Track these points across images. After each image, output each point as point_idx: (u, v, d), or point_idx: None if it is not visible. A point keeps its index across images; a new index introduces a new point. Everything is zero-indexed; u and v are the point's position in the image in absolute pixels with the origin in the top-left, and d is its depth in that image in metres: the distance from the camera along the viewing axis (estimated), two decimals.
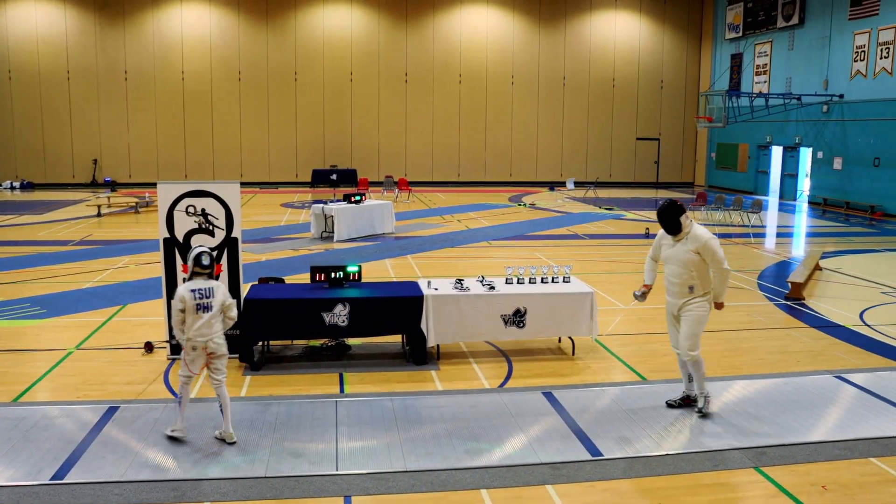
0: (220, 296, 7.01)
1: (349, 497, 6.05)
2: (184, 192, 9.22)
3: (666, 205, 7.52)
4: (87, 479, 6.26)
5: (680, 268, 7.48)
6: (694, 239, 7.41)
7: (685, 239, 7.46)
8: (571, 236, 20.58)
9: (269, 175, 36.29)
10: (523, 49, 36.88)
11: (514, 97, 37.18)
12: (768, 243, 20.41)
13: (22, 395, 8.20)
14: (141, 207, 25.56)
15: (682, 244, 7.48)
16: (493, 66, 36.86)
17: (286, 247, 18.15)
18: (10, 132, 34.44)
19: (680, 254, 7.48)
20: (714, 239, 7.45)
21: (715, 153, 37.10)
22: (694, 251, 7.38)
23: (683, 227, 7.45)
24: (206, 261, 7.02)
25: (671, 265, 7.58)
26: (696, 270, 7.43)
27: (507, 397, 8.23)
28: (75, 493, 6.05)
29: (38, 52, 34.18)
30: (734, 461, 6.71)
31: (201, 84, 35.35)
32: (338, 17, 35.82)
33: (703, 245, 7.36)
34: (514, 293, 9.55)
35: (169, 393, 8.32)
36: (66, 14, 34.21)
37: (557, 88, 37.38)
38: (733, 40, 35.06)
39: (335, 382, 8.74)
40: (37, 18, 34.04)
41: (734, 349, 10.18)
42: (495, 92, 37.04)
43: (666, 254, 7.66)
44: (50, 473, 6.33)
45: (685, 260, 7.43)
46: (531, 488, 6.23)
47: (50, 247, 18.07)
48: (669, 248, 7.60)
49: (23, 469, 6.41)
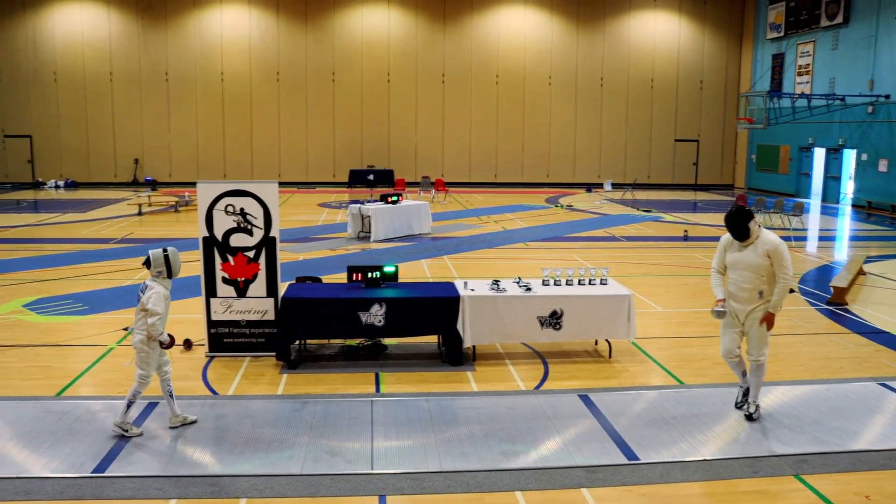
0: (147, 294, 7.06)
1: (384, 496, 6.07)
2: (223, 191, 9.32)
3: (735, 210, 7.37)
4: (128, 472, 6.36)
5: (750, 273, 7.33)
6: (765, 242, 7.29)
7: (755, 244, 7.33)
8: (609, 238, 20.42)
9: (307, 175, 36.55)
10: (561, 49, 36.70)
11: (551, 98, 37.00)
12: (810, 247, 20.05)
13: (65, 389, 8.35)
14: (181, 206, 25.91)
15: (751, 249, 7.34)
16: (530, 66, 36.73)
17: (323, 246, 18.26)
18: (55, 133, 35.16)
19: (750, 258, 7.32)
20: (784, 245, 7.35)
21: (755, 155, 36.54)
22: (765, 255, 7.25)
23: (752, 232, 7.33)
24: (144, 262, 7.19)
25: (740, 271, 7.41)
26: (766, 275, 7.30)
27: (543, 399, 8.19)
28: (116, 486, 6.15)
29: (83, 55, 34.85)
30: (774, 468, 6.60)
31: (241, 85, 35.74)
32: (376, 19, 35.97)
33: (774, 249, 7.24)
34: (551, 295, 9.49)
35: (207, 389, 8.42)
36: (109, 17, 34.82)
37: (595, 89, 37.12)
38: (775, 40, 34.52)
39: (371, 382, 8.77)
40: (82, 22, 34.70)
41: (775, 354, 10.00)
42: (533, 92, 36.90)
43: (732, 259, 7.48)
44: (92, 466, 6.44)
45: (756, 265, 7.29)
46: (567, 491, 6.19)
47: (92, 244, 18.40)
48: (736, 253, 7.44)
49: (66, 461, 6.54)
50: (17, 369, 9.07)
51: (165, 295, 7.10)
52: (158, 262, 7.12)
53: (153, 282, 7.10)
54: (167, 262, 7.13)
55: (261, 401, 8.07)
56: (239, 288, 9.41)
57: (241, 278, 9.40)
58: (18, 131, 34.88)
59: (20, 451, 6.73)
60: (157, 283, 7.10)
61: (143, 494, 6.02)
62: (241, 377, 8.85)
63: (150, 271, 7.15)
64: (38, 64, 34.68)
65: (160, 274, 7.13)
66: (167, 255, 7.14)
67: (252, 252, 9.38)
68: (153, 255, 7.13)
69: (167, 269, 7.14)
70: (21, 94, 34.70)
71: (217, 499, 5.99)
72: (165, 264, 7.12)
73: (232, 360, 9.40)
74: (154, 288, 7.04)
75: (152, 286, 7.06)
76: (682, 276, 15.15)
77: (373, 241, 18.95)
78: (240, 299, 9.43)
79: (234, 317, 9.46)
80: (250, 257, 9.37)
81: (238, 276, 9.39)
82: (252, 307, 9.44)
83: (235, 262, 9.37)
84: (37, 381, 8.64)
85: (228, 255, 9.36)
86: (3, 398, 8.07)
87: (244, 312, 9.45)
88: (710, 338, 10.58)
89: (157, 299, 6.98)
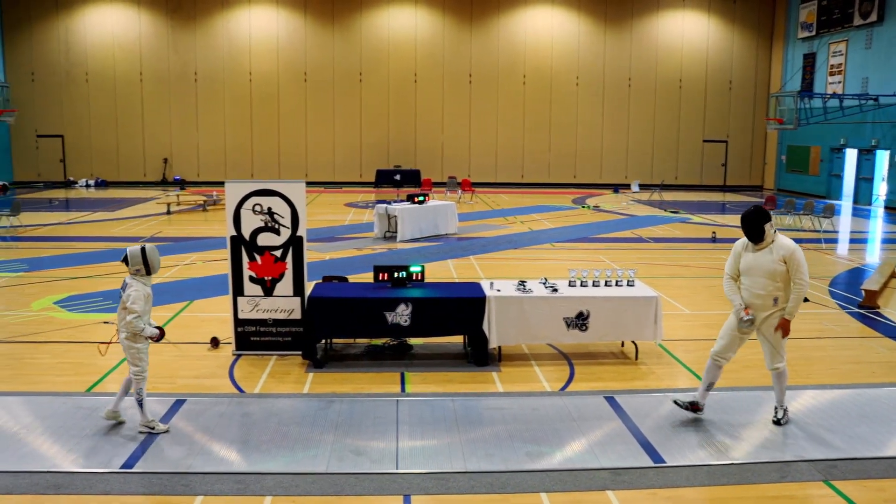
0: (126, 292, 7.07)
1: (409, 496, 6.07)
2: (251, 190, 9.38)
3: (752, 210, 7.22)
4: (155, 468, 6.43)
5: (765, 278, 7.18)
6: (780, 247, 7.14)
7: (769, 248, 7.18)
8: (636, 239, 20.30)
9: (334, 175, 36.73)
10: (588, 50, 36.54)
11: (578, 98, 36.86)
12: (841, 249, 19.78)
13: (95, 386, 8.46)
14: (209, 206, 26.14)
15: (765, 253, 7.19)
16: (557, 66, 36.61)
17: (350, 246, 18.33)
18: (86, 132, 35.66)
19: (765, 263, 7.17)
20: (800, 250, 7.20)
21: (785, 156, 36.13)
22: (781, 260, 7.11)
23: (767, 236, 7.18)
24: (122, 259, 7.19)
25: (754, 276, 7.25)
26: (781, 281, 7.16)
27: (568, 401, 8.16)
28: (143, 481, 6.22)
29: (113, 56, 35.30)
30: (803, 473, 6.51)
31: (268, 85, 35.99)
32: (403, 19, 36.06)
33: (790, 255, 7.09)
34: (578, 296, 9.45)
35: (234, 388, 8.48)
36: (140, 19, 35.23)
37: (623, 89, 36.92)
38: (806, 39, 34.10)
39: (396, 381, 8.78)
40: (113, 23, 35.16)
41: (805, 358, 9.89)
42: (560, 93, 36.78)
43: (746, 264, 7.32)
44: (120, 462, 6.52)
45: (771, 270, 7.14)
46: (592, 493, 6.16)
47: (122, 243, 18.60)
48: (750, 258, 7.29)
49: (95, 457, 6.62)
50: (49, 365, 9.21)
51: (146, 293, 7.09)
52: (136, 260, 7.11)
53: (132, 280, 7.09)
54: (144, 258, 7.12)
55: (287, 399, 8.11)
56: (266, 287, 9.47)
57: (268, 277, 9.46)
58: (51, 131, 35.42)
59: (51, 446, 6.83)
60: (137, 280, 7.09)
61: (170, 490, 6.08)
62: (268, 375, 8.91)
63: (129, 269, 7.13)
64: (70, 65, 35.20)
65: (138, 272, 7.13)
66: (144, 252, 7.14)
67: (279, 251, 9.43)
68: (131, 252, 7.13)
69: (145, 267, 7.13)
70: (54, 95, 35.24)
71: (242, 496, 6.03)
72: (143, 261, 7.12)
73: (258, 359, 9.46)
74: (133, 286, 7.04)
75: (131, 284, 7.06)
76: (709, 278, 15.01)
77: (399, 240, 18.99)
78: (267, 298, 9.49)
79: (260, 315, 9.52)
80: (277, 256, 9.43)
81: (265, 275, 9.45)
82: (279, 306, 9.50)
83: (263, 261, 9.43)
84: (68, 378, 8.76)
85: (256, 254, 9.42)
86: (35, 394, 8.20)
87: (271, 311, 9.51)
88: None
89: (136, 297, 6.98)
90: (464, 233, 20.68)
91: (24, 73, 35.01)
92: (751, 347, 10.19)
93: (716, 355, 7.52)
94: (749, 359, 9.75)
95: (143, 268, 7.12)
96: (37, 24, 34.93)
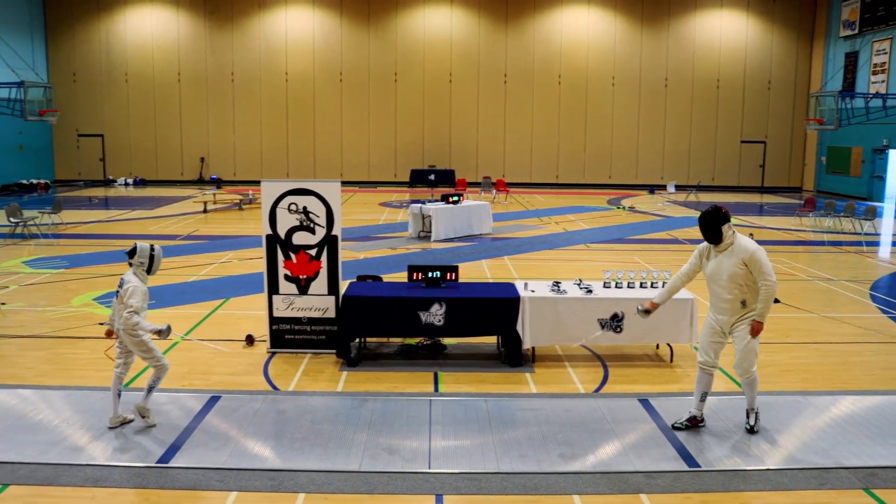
0: (125, 287, 7.08)
1: (441, 496, 6.07)
2: (286, 190, 9.45)
3: (709, 210, 7.09)
4: (191, 464, 6.51)
5: (729, 283, 7.01)
6: (740, 250, 6.98)
7: (729, 251, 7.03)
8: (671, 241, 20.10)
9: (369, 174, 36.87)
10: (625, 49, 36.25)
11: (614, 98, 36.58)
12: (882, 252, 19.40)
13: (132, 382, 8.58)
14: (244, 205, 26.39)
15: (726, 257, 7.03)
16: (593, 66, 36.38)
17: (384, 245, 18.39)
18: (125, 132, 36.24)
19: (726, 268, 7.01)
20: (761, 250, 7.01)
21: (825, 157, 35.51)
22: (741, 263, 6.94)
23: (724, 237, 7.03)
24: (129, 251, 7.26)
25: (719, 281, 7.10)
26: (745, 284, 6.98)
27: (602, 403, 8.10)
28: (179, 476, 6.30)
29: (152, 57, 35.81)
30: (842, 481, 6.39)
31: (304, 85, 36.25)
32: (438, 19, 36.09)
33: (750, 256, 6.91)
34: (612, 297, 9.38)
35: (268, 385, 8.55)
36: (178, 20, 35.70)
37: (659, 89, 36.57)
38: (848, 38, 33.48)
39: (430, 381, 8.79)
40: (152, 24, 35.67)
41: (843, 363, 9.72)
42: (595, 93, 36.54)
43: (710, 271, 7.18)
44: (157, 457, 6.61)
45: (733, 274, 6.97)
46: (625, 496, 6.11)
47: (159, 241, 18.83)
48: (714, 262, 7.15)
49: (132, 451, 6.72)
50: (88, 360, 9.37)
51: (144, 291, 7.15)
52: (143, 254, 7.20)
53: (132, 275, 7.16)
54: (151, 258, 7.22)
55: (320, 397, 8.16)
56: (301, 285, 9.54)
57: (303, 276, 9.52)
58: (91, 131, 36.05)
59: (90, 440, 6.94)
60: (136, 276, 7.16)
61: (205, 485, 6.15)
62: (302, 373, 8.97)
63: (133, 261, 7.20)
64: (110, 66, 35.80)
65: (141, 265, 7.20)
66: (153, 251, 7.24)
67: (314, 250, 9.49)
68: (140, 246, 7.23)
69: (149, 264, 7.22)
70: (95, 95, 35.86)
71: (276, 492, 6.08)
72: (149, 259, 7.21)
73: (293, 357, 9.53)
74: (132, 282, 7.10)
75: (130, 280, 7.12)
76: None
77: (433, 240, 19.01)
78: (301, 296, 9.55)
79: (295, 314, 9.59)
80: (312, 255, 9.49)
81: (300, 274, 9.52)
82: (313, 304, 9.56)
83: (298, 260, 9.49)
84: (106, 373, 8.87)
85: (291, 252, 9.49)
86: (75, 388, 8.35)
87: (305, 310, 9.57)
88: (775, 344, 10.33)
89: (134, 291, 7.03)
90: (498, 233, 20.64)
91: (67, 74, 35.68)
92: (787, 351, 10.07)
93: (701, 365, 7.39)
94: (787, 363, 9.62)
95: (147, 262, 7.22)
96: (79, 26, 35.58)
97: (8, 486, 6.11)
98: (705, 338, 7.38)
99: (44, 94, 28.28)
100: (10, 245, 17.99)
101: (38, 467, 6.41)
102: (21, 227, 19.44)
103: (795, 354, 10.03)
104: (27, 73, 31.41)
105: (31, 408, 7.72)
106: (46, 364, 9.24)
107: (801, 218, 24.52)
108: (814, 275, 15.42)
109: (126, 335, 7.13)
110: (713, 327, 7.30)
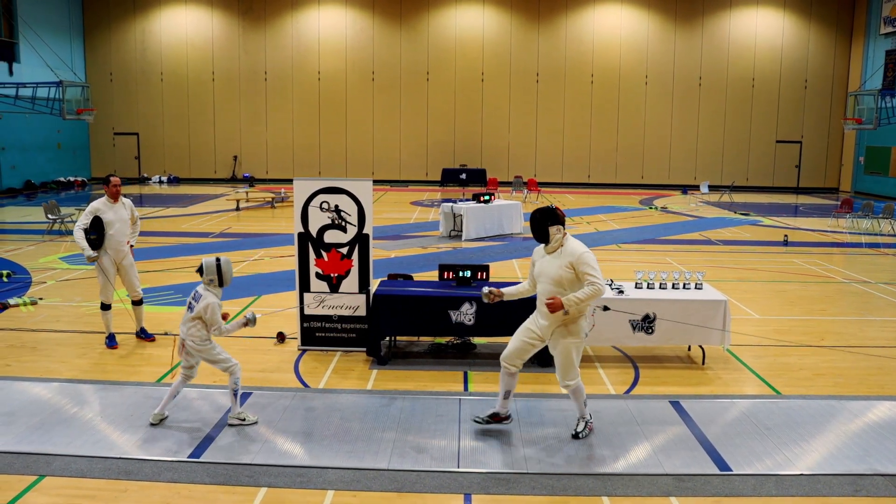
0: (201, 305, 7.11)
1: (469, 495, 6.07)
2: (318, 188, 9.50)
3: (539, 209, 6.83)
4: (221, 459, 6.57)
5: (551, 285, 6.71)
6: (568, 253, 6.68)
7: (558, 253, 6.75)
8: (704, 242, 19.89)
9: (400, 173, 36.99)
10: (658, 48, 35.96)
11: (647, 97, 36.31)
12: None
13: (164, 377, 8.69)
14: (277, 203, 26.60)
15: (554, 258, 6.74)
16: (626, 65, 36.13)
17: (415, 244, 18.43)
18: (160, 130, 36.74)
19: (552, 269, 6.72)
20: (590, 253, 6.70)
21: (864, 157, 34.92)
22: (568, 266, 6.64)
23: (553, 239, 6.75)
24: (198, 269, 7.25)
25: (543, 282, 6.80)
26: (569, 289, 6.66)
27: (632, 404, 8.04)
28: (209, 471, 6.36)
29: (186, 56, 36.26)
30: (877, 488, 6.27)
31: (336, 84, 36.45)
32: (470, 18, 36.08)
33: (577, 258, 6.59)
34: (644, 298, 9.30)
35: (298, 382, 8.61)
36: (212, 20, 36.09)
37: (693, 88, 36.22)
38: (889, 35, 32.86)
39: (459, 380, 8.79)
40: (187, 24, 36.12)
41: (880, 367, 9.54)
42: (628, 92, 36.29)
43: (537, 270, 6.91)
44: (188, 451, 6.68)
45: (557, 276, 6.67)
46: (654, 499, 6.05)
47: (192, 238, 19.10)
48: (541, 263, 6.88)
49: (164, 446, 6.80)
50: (121, 356, 9.50)
51: (219, 304, 7.20)
52: (210, 270, 7.17)
53: (206, 291, 7.18)
54: (219, 271, 7.18)
55: (350, 395, 8.20)
56: (332, 283, 9.58)
57: (334, 274, 9.56)
58: (127, 129, 36.61)
59: (122, 434, 7.04)
60: (210, 291, 7.18)
61: (235, 481, 6.21)
62: (332, 371, 9.01)
63: (203, 279, 7.22)
64: (146, 64, 36.31)
65: (212, 282, 7.21)
66: (219, 265, 7.20)
67: (345, 248, 9.53)
68: (206, 263, 7.20)
69: (219, 278, 7.21)
70: (130, 94, 36.41)
71: (305, 489, 6.11)
72: (217, 273, 7.18)
73: (323, 354, 9.58)
74: (207, 298, 7.13)
75: (206, 296, 7.14)
76: (780, 282, 14.62)
77: (464, 240, 19.00)
78: (332, 294, 9.60)
79: (326, 311, 9.64)
80: (344, 253, 9.53)
81: (331, 272, 9.56)
82: (344, 302, 9.60)
83: (329, 258, 9.54)
84: (138, 368, 9.03)
85: (322, 250, 9.54)
86: (108, 382, 8.47)
87: (336, 307, 9.62)
88: (809, 347, 10.19)
89: (214, 310, 7.10)
90: (529, 233, 20.51)
91: (104, 74, 36.24)
92: (820, 355, 9.92)
93: (503, 360, 7.11)
94: (820, 367, 9.48)
95: (216, 278, 7.21)
96: (115, 26, 36.13)
97: (44, 478, 6.22)
98: (517, 337, 7.09)
99: (81, 94, 28.73)
100: (47, 241, 18.31)
101: (73, 459, 6.52)
102: (59, 223, 19.77)
103: (827, 357, 9.87)
104: (66, 73, 31.95)
105: (66, 401, 7.85)
106: (81, 359, 9.38)
107: (838, 219, 24.13)
108: (850, 277, 15.17)
109: (193, 347, 7.22)
110: (530, 329, 7.01)
